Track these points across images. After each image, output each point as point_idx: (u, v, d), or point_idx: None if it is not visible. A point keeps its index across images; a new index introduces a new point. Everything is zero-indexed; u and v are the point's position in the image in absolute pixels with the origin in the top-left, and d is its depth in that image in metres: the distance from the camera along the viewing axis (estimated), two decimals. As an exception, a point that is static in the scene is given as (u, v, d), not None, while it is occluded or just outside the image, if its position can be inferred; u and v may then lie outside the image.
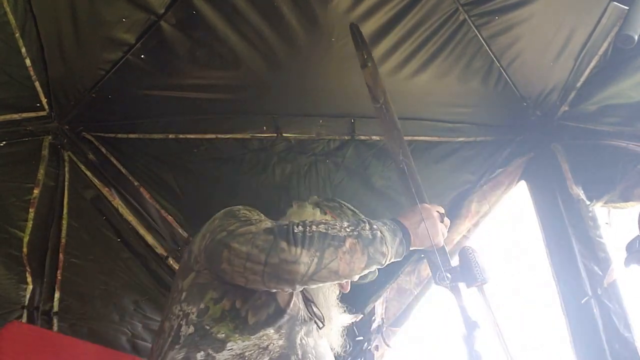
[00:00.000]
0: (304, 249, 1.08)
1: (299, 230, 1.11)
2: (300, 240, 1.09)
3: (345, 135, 2.26)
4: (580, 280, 1.96)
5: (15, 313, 1.81)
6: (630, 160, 1.84)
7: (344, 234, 1.13)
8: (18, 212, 1.90)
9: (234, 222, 1.21)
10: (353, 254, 1.11)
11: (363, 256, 1.12)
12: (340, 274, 1.12)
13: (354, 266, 1.12)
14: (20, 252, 1.87)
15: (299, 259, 1.08)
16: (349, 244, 1.12)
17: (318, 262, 1.08)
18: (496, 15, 1.79)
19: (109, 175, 2.19)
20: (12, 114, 1.88)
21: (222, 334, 1.15)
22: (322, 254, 1.09)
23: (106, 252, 2.15)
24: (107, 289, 2.09)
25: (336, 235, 1.12)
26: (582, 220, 2.02)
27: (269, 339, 1.17)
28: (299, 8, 1.73)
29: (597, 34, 1.80)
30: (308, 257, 1.08)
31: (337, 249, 1.10)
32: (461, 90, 2.09)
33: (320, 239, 1.10)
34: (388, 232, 1.18)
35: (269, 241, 1.10)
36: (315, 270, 1.08)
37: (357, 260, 1.12)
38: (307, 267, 1.08)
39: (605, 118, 1.95)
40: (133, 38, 1.79)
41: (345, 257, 1.10)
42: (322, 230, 1.12)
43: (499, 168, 2.30)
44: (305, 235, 1.10)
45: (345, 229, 1.14)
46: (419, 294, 2.40)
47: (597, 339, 1.86)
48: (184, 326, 1.19)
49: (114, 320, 2.07)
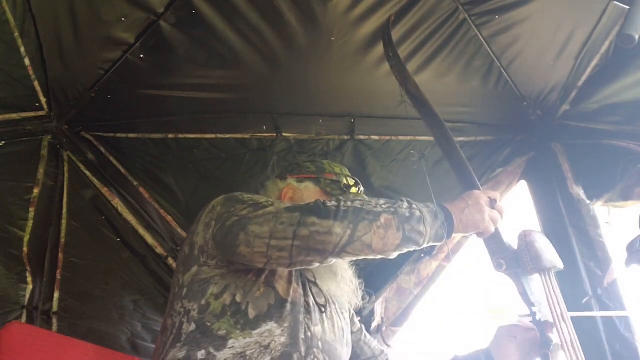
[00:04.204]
0: (336, 221, 1.05)
1: (332, 205, 1.09)
2: (334, 213, 1.06)
3: (344, 135, 2.26)
4: (580, 279, 1.96)
5: (14, 313, 1.81)
6: (631, 159, 1.84)
7: (380, 209, 1.10)
8: (18, 211, 1.90)
9: (244, 207, 1.18)
10: (388, 229, 1.08)
11: (398, 232, 1.08)
12: (374, 248, 1.08)
13: (387, 241, 1.08)
14: (21, 252, 1.86)
15: (331, 229, 1.05)
16: (384, 219, 1.08)
17: (351, 234, 1.05)
18: (496, 15, 1.79)
19: (108, 175, 2.19)
20: (11, 114, 1.88)
21: (223, 330, 1.13)
22: (355, 226, 1.06)
23: (106, 252, 2.14)
24: (107, 288, 2.08)
25: (371, 210, 1.09)
26: (583, 219, 2.02)
27: (271, 336, 1.15)
28: (298, 7, 1.73)
29: (598, 33, 1.80)
30: (341, 229, 1.05)
31: (372, 223, 1.07)
32: (461, 90, 2.08)
33: (355, 213, 1.07)
34: (429, 213, 1.13)
35: (295, 217, 1.08)
36: (347, 242, 1.06)
37: (392, 236, 1.08)
38: (340, 238, 1.05)
39: (606, 117, 1.95)
40: (132, 37, 1.79)
41: (380, 232, 1.07)
42: (358, 205, 1.09)
43: (499, 167, 2.30)
44: (340, 209, 1.07)
45: (382, 206, 1.11)
46: (419, 294, 2.40)
47: (597, 339, 1.86)
48: (185, 323, 1.17)
49: (113, 319, 2.06)
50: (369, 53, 1.89)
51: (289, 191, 1.52)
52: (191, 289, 1.22)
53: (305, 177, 1.55)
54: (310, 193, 1.51)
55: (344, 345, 1.36)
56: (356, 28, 1.80)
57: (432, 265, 2.39)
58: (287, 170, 1.61)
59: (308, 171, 1.58)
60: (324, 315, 1.33)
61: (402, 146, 2.27)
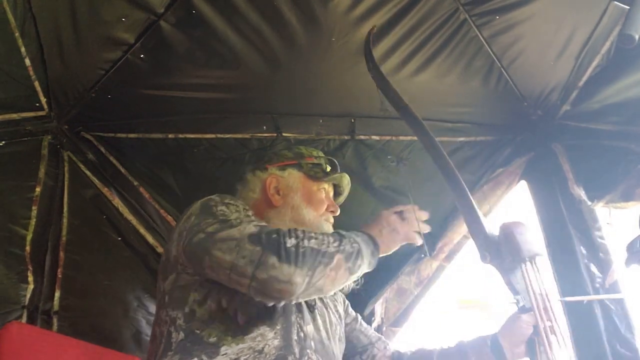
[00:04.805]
0: (297, 268, 1.03)
1: (292, 244, 1.05)
2: (294, 257, 1.03)
3: (345, 135, 2.26)
4: (581, 280, 1.96)
5: (15, 313, 1.80)
6: (632, 159, 1.84)
7: (333, 249, 1.09)
8: (21, 210, 1.90)
9: (212, 222, 1.15)
10: (338, 271, 1.08)
11: (345, 272, 1.10)
12: (324, 291, 1.09)
13: (336, 282, 1.09)
14: (23, 251, 1.86)
15: (291, 278, 1.02)
16: (337, 260, 1.08)
17: (309, 281, 1.04)
18: (497, 15, 1.78)
19: (108, 175, 2.19)
20: (11, 114, 1.88)
21: (214, 337, 1.11)
22: (313, 273, 1.04)
23: (108, 250, 2.14)
24: (110, 284, 2.08)
25: (326, 251, 1.08)
26: (584, 220, 2.02)
27: (264, 340, 1.13)
28: (299, 7, 1.72)
29: (599, 33, 1.79)
30: (301, 277, 1.03)
31: (326, 267, 1.06)
32: (461, 90, 2.08)
33: (312, 255, 1.05)
34: (363, 244, 1.15)
35: (256, 253, 1.04)
36: (304, 290, 1.04)
37: (340, 276, 1.09)
38: (299, 287, 1.03)
39: (607, 117, 1.94)
40: (132, 37, 1.79)
41: (332, 274, 1.07)
42: (314, 246, 1.07)
43: (499, 168, 2.30)
44: (299, 252, 1.04)
45: (333, 244, 1.10)
46: (419, 294, 2.40)
47: (598, 339, 1.86)
48: (174, 332, 1.15)
49: (117, 315, 2.06)
50: (369, 53, 1.89)
51: (272, 180, 1.50)
52: (172, 296, 1.20)
53: (286, 165, 1.55)
54: (295, 179, 1.51)
55: (337, 341, 1.35)
56: (357, 28, 1.80)
57: (432, 265, 2.39)
58: (265, 160, 1.59)
59: (288, 158, 1.57)
60: (315, 312, 1.31)
61: (402, 146, 2.27)
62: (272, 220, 1.42)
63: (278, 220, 1.42)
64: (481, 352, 1.40)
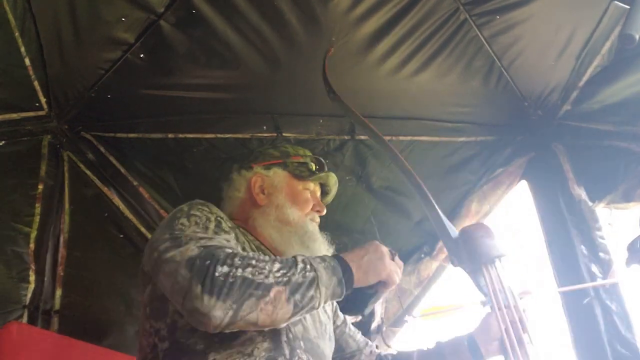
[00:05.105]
0: (218, 301, 0.96)
1: (221, 273, 0.98)
2: (218, 289, 0.97)
3: (345, 135, 2.26)
4: (582, 280, 1.96)
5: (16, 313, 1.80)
6: (633, 160, 1.84)
7: (271, 280, 1.01)
8: (24, 208, 1.90)
9: (166, 239, 1.10)
10: (277, 304, 1.00)
11: (289, 305, 1.01)
12: (260, 325, 1.01)
13: (276, 317, 1.01)
14: (27, 248, 1.86)
15: (210, 311, 0.96)
16: (274, 292, 1.00)
17: (233, 314, 0.97)
18: (497, 15, 1.78)
19: (108, 175, 2.19)
20: (10, 114, 1.88)
21: (201, 345, 1.08)
22: (239, 306, 0.98)
23: (110, 247, 2.15)
24: (113, 281, 2.08)
25: (262, 282, 1.00)
26: (584, 220, 2.02)
27: (252, 344, 1.10)
28: (299, 7, 1.72)
29: (599, 33, 1.79)
30: (222, 311, 0.96)
31: (259, 300, 0.99)
32: (462, 90, 2.08)
33: (242, 287, 0.98)
34: (325, 271, 1.07)
35: (187, 280, 0.99)
36: (229, 322, 0.98)
37: (281, 310, 1.01)
38: (220, 320, 0.97)
39: (607, 117, 1.94)
40: (132, 37, 1.79)
41: (267, 308, 0.99)
42: (248, 275, 1.00)
43: (499, 168, 2.30)
44: (226, 283, 0.97)
45: (275, 274, 1.02)
46: (419, 294, 2.40)
47: (598, 339, 1.86)
48: (159, 343, 1.12)
49: (120, 312, 2.06)
50: (369, 53, 1.89)
51: (257, 180, 1.48)
52: (153, 307, 1.17)
53: (271, 164, 1.52)
54: (280, 178, 1.48)
55: (327, 340, 1.33)
56: (357, 28, 1.80)
57: (432, 265, 2.39)
58: (251, 159, 1.56)
59: (273, 157, 1.54)
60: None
61: (402, 146, 2.27)
62: (257, 220, 1.40)
63: (263, 220, 1.40)
64: (459, 351, 1.40)
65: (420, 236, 2.40)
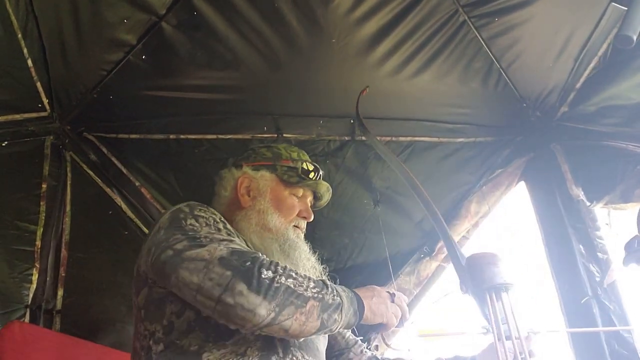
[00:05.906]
0: (264, 301, 0.99)
1: (267, 276, 1.02)
2: (265, 289, 1.00)
3: (345, 136, 2.27)
4: (580, 280, 1.97)
5: (18, 312, 1.81)
6: (630, 161, 1.85)
7: (309, 294, 1.05)
8: (29, 206, 1.91)
9: (181, 239, 1.10)
10: (309, 317, 1.04)
11: (317, 321, 1.05)
12: (290, 333, 1.05)
13: (304, 328, 1.04)
14: (33, 246, 1.88)
15: (255, 308, 0.99)
16: (310, 305, 1.04)
17: (275, 316, 1.00)
18: (496, 17, 1.80)
19: (110, 176, 2.20)
20: (13, 115, 1.89)
21: (195, 345, 1.09)
22: (281, 310, 1.01)
23: (113, 245, 2.16)
24: (115, 280, 2.08)
25: (301, 294, 1.04)
26: (582, 221, 2.03)
27: (246, 343, 1.10)
28: (299, 9, 1.74)
29: (597, 35, 1.81)
30: (266, 310, 0.99)
31: (297, 309, 1.02)
32: (461, 91, 2.09)
33: (286, 294, 1.02)
34: (347, 300, 1.11)
35: (226, 277, 1.01)
36: (269, 323, 1.01)
37: (310, 324, 1.05)
38: (262, 319, 1.00)
39: (605, 119, 1.95)
40: (134, 39, 1.80)
41: (301, 319, 1.03)
42: (290, 285, 1.04)
43: (498, 168, 2.31)
44: (272, 286, 1.01)
45: (312, 289, 1.06)
46: (419, 294, 2.40)
47: (596, 338, 1.87)
48: (153, 345, 1.12)
49: (122, 311, 2.06)
50: (370, 54, 1.90)
51: (244, 180, 1.44)
52: (148, 310, 1.17)
53: (260, 165, 1.47)
54: (267, 182, 1.44)
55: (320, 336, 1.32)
56: (357, 29, 1.81)
57: (431, 265, 2.39)
58: (243, 157, 1.52)
59: (264, 158, 1.50)
60: None
61: (402, 147, 2.28)
62: (240, 223, 1.38)
63: (244, 223, 1.38)
64: None
65: (420, 236, 2.41)
